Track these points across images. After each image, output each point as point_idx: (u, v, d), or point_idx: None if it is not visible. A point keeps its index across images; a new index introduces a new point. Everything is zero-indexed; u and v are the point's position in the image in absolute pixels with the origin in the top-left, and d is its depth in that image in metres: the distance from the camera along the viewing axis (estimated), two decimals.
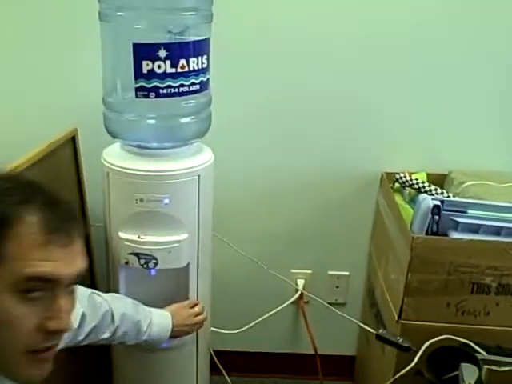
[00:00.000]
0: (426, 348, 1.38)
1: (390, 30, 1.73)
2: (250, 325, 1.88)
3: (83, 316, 1.25)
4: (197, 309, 1.52)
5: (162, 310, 1.47)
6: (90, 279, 1.75)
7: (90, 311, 1.27)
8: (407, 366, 1.40)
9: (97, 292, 1.34)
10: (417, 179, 1.74)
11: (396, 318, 1.52)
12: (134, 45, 1.31)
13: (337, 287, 2.06)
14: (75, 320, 1.18)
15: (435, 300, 1.48)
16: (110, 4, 1.36)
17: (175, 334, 1.46)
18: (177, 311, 1.48)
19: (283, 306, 1.96)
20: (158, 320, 1.44)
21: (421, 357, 1.37)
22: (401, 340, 1.40)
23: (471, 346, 1.37)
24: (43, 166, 1.45)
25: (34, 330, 0.82)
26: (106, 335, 1.32)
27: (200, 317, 1.52)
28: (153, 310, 1.44)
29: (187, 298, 1.52)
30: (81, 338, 1.25)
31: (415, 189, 1.74)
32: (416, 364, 1.37)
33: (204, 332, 1.62)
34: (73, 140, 1.61)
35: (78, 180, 1.66)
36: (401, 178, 1.77)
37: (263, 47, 1.75)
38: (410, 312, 1.50)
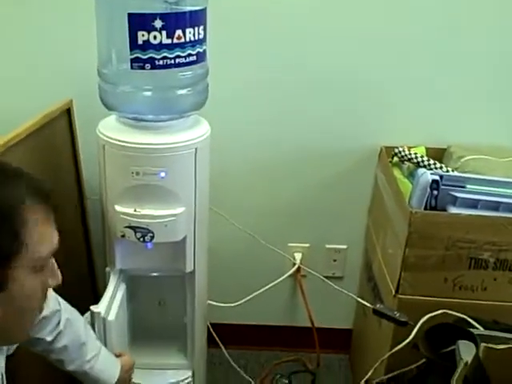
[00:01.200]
0: (423, 323, 1.38)
1: (390, 4, 1.70)
2: (247, 298, 1.89)
3: None
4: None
5: (113, 356, 1.38)
6: (86, 252, 1.75)
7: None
8: (404, 340, 1.40)
9: None
10: (416, 153, 1.73)
11: (393, 293, 1.52)
12: (129, 15, 1.27)
13: (334, 261, 2.06)
14: None
15: (433, 275, 1.48)
16: None
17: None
18: (124, 365, 1.38)
19: (280, 279, 1.96)
20: (107, 361, 1.34)
21: (418, 331, 1.37)
22: (398, 315, 1.40)
23: (468, 321, 1.37)
24: (38, 137, 1.44)
25: (42, 292, 0.93)
26: (48, 338, 1.21)
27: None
28: (104, 350, 1.35)
29: (184, 272, 1.51)
30: None
31: (414, 163, 1.72)
32: (413, 338, 1.37)
33: (201, 305, 1.62)
34: (68, 112, 1.60)
35: (74, 152, 1.64)
36: (400, 152, 1.75)
37: (261, 18, 1.72)
38: (408, 287, 1.49)
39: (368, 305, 1.60)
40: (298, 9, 1.71)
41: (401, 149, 1.76)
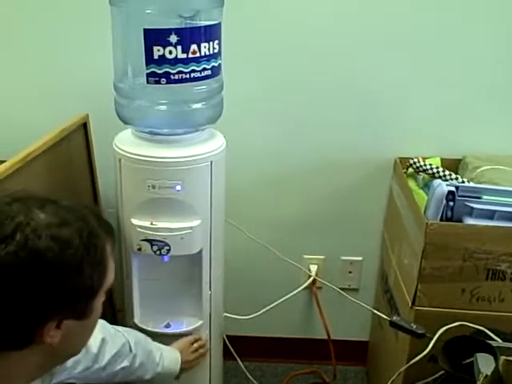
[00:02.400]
0: (441, 335, 1.37)
1: (402, 12, 1.71)
2: (263, 310, 1.88)
3: (103, 341, 1.27)
4: (197, 344, 1.57)
5: (169, 346, 1.51)
6: None
7: (109, 337, 1.29)
8: (421, 352, 1.39)
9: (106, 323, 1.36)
10: (431, 164, 1.72)
11: (410, 305, 1.51)
12: (145, 30, 1.29)
13: (350, 273, 2.05)
14: (95, 345, 1.24)
15: (449, 286, 1.47)
16: None
17: (183, 367, 1.51)
18: (183, 347, 1.54)
19: (296, 291, 1.96)
20: (169, 353, 1.49)
21: (435, 343, 1.36)
22: (415, 327, 1.39)
23: (486, 333, 1.36)
24: (56, 151, 1.45)
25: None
26: (125, 363, 1.33)
27: (201, 350, 1.59)
28: (161, 345, 1.48)
29: (200, 284, 1.52)
30: (102, 364, 1.26)
31: (429, 174, 1.72)
32: (430, 350, 1.36)
33: (217, 317, 1.62)
34: (84, 126, 1.61)
35: (90, 166, 1.65)
36: (415, 163, 1.75)
37: (274, 32, 1.73)
38: (424, 298, 1.49)
39: (385, 317, 1.59)
40: (311, 21, 1.72)
41: (415, 160, 1.75)
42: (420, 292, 1.49)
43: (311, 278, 2.00)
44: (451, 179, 1.66)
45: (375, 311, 1.74)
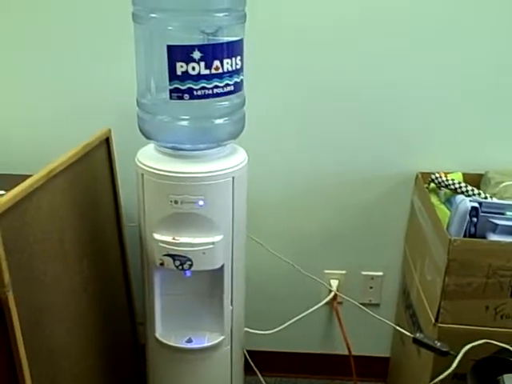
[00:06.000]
0: (465, 352, 1.35)
1: (427, 34, 1.71)
2: (284, 325, 1.87)
3: None
4: None
5: None
6: (124, 280, 1.76)
7: None
8: (444, 369, 1.38)
9: None
10: (453, 179, 1.71)
11: (433, 321, 1.49)
12: (168, 46, 1.30)
13: (371, 288, 2.04)
14: None
15: (473, 303, 1.45)
16: (144, 6, 1.36)
17: None
18: None
19: (317, 306, 1.95)
20: None
21: (459, 361, 1.35)
22: (439, 344, 1.37)
23: (511, 351, 1.34)
24: (79, 166, 1.46)
25: None
26: None
27: None
28: None
29: (222, 299, 1.52)
30: None
31: (451, 189, 1.71)
32: (455, 368, 1.35)
33: (238, 332, 1.61)
34: (107, 141, 1.62)
35: (112, 180, 1.66)
36: (436, 178, 1.74)
37: (296, 47, 1.74)
38: (448, 315, 1.47)
39: (407, 333, 1.57)
40: (331, 35, 1.72)
41: (437, 175, 1.74)
42: (443, 309, 1.47)
43: (332, 293, 1.99)
44: (474, 195, 1.65)
45: (397, 327, 1.72)
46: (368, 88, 1.78)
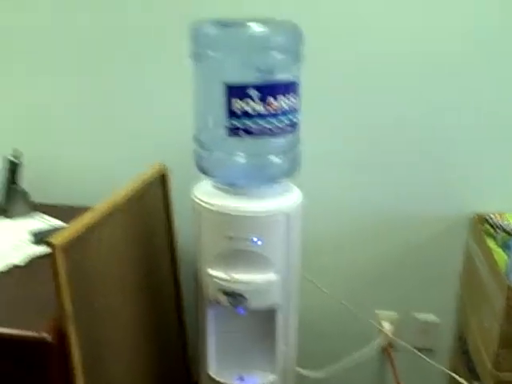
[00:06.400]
0: None
1: (481, 60, 1.69)
2: (335, 366, 1.84)
3: None
4: None
5: None
6: (177, 316, 1.76)
7: None
8: None
9: None
10: (509, 222, 1.67)
11: (490, 369, 1.44)
12: (225, 84, 1.33)
13: (423, 332, 1.99)
14: None
15: None
16: (202, 45, 1.39)
17: None
18: None
19: (367, 348, 1.91)
20: None
21: None
22: None
23: None
24: (136, 203, 1.49)
25: None
26: None
27: None
28: None
29: (275, 339, 1.50)
30: None
31: (508, 232, 1.67)
32: None
33: (290, 373, 1.59)
34: (163, 177, 1.64)
35: (168, 216, 1.68)
36: (491, 218, 1.70)
37: (352, 82, 1.74)
38: (506, 364, 1.42)
39: (464, 382, 1.53)
40: (387, 69, 1.72)
41: (493, 216, 1.71)
42: (501, 357, 1.42)
43: (383, 335, 1.95)
44: None
45: (454, 375, 1.67)
46: (421, 125, 1.76)
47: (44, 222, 1.70)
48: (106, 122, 1.86)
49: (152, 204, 1.61)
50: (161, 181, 1.64)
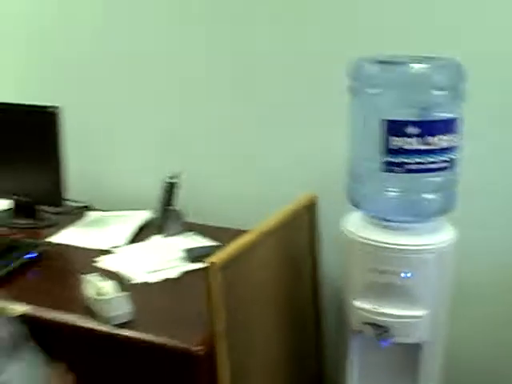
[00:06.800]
0: None
1: None
2: None
3: None
4: None
5: None
6: (315, 342, 1.78)
7: None
8: None
9: None
10: None
11: None
12: (383, 121, 1.34)
13: None
14: None
15: None
16: (362, 81, 1.42)
17: None
18: None
19: None
20: None
21: None
22: None
23: None
24: (285, 229, 1.53)
25: None
26: None
27: None
28: None
29: (418, 376, 1.49)
30: None
31: None
32: None
33: None
34: (312, 207, 1.68)
35: (313, 244, 1.71)
36: None
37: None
38: None
39: None
40: None
41: None
42: None
43: None
44: None
45: None
46: None
47: (196, 240, 1.79)
48: (260, 148, 1.91)
49: (299, 231, 1.65)
50: (309, 209, 1.68)
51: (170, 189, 1.83)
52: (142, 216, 1.96)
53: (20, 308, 1.37)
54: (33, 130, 1.91)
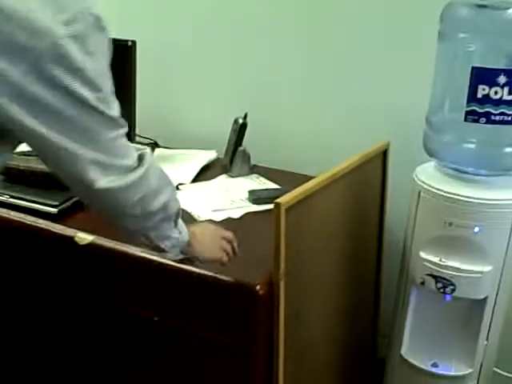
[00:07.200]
0: None
1: None
2: None
3: None
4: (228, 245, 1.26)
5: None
6: (374, 292, 1.78)
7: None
8: None
9: None
10: None
11: None
12: (473, 68, 1.30)
13: None
14: None
15: None
16: (453, 25, 1.37)
17: (199, 254, 1.23)
18: (213, 236, 1.26)
19: None
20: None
21: None
22: None
23: None
24: (354, 176, 1.50)
25: None
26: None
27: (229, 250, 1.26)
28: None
29: (478, 332, 1.47)
30: None
31: None
32: None
33: (487, 370, 1.55)
34: (384, 154, 1.65)
35: (382, 193, 1.69)
36: None
37: None
38: None
39: None
40: None
41: None
42: None
43: None
44: None
45: None
46: None
47: (261, 183, 1.79)
48: (334, 94, 1.86)
49: (369, 178, 1.63)
50: (381, 157, 1.65)
51: (240, 129, 1.82)
52: (208, 156, 1.95)
53: (88, 237, 1.39)
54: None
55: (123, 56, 1.85)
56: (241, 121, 1.83)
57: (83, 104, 0.92)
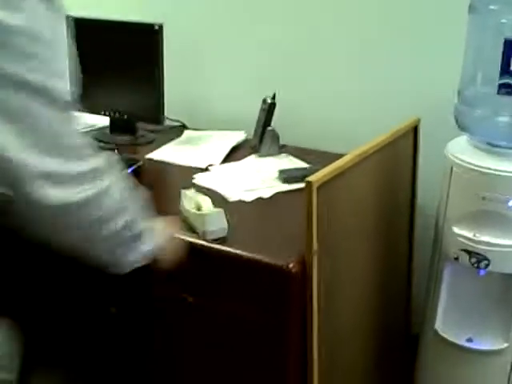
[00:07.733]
0: None
1: None
2: None
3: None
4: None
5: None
6: (407, 268, 1.78)
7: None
8: None
9: None
10: None
11: None
12: (506, 41, 1.28)
13: None
14: None
15: None
16: None
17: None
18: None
19: None
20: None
21: None
22: None
23: None
24: (385, 153, 1.50)
25: None
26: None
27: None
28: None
29: (510, 305, 1.46)
30: None
31: None
32: None
33: None
34: (415, 130, 1.64)
35: (413, 169, 1.68)
36: None
37: None
38: None
39: None
40: None
41: None
42: None
43: None
44: None
45: None
46: None
47: (291, 162, 1.79)
48: (363, 72, 1.85)
49: (400, 155, 1.62)
50: (412, 134, 1.64)
51: (269, 109, 1.82)
52: (237, 137, 1.96)
53: None
54: (136, 47, 1.91)
55: (151, 40, 1.86)
56: (269, 100, 1.83)
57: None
